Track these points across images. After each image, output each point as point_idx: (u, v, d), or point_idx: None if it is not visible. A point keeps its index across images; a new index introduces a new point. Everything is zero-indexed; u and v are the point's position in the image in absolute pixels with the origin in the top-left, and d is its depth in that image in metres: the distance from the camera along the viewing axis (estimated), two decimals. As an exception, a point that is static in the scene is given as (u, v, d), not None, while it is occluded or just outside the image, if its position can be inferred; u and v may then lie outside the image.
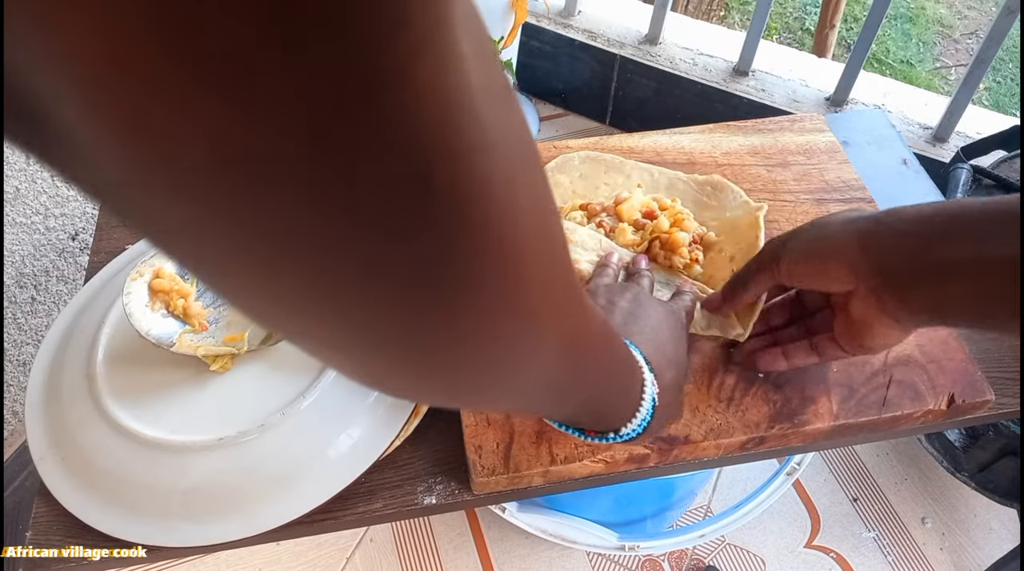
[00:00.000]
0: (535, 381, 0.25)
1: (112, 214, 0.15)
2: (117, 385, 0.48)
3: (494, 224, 0.17)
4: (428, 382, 0.22)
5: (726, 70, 1.47)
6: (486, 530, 1.15)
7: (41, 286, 0.98)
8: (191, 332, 0.49)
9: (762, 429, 0.49)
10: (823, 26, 2.00)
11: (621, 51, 1.52)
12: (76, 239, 1.01)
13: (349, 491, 0.46)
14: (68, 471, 0.47)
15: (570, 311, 0.24)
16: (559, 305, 0.23)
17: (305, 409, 0.46)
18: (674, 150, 0.67)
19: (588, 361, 0.29)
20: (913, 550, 1.15)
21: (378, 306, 0.17)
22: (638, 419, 0.37)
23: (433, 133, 0.14)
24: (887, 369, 0.52)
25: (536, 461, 0.47)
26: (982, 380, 0.51)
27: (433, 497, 0.49)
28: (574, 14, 1.58)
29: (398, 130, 0.13)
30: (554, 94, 1.71)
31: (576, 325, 0.26)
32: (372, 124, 0.13)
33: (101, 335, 0.50)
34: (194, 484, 0.45)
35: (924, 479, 1.22)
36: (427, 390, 0.23)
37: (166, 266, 0.50)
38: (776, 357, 0.49)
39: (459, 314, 0.18)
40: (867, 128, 0.74)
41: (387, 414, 0.48)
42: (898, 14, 2.59)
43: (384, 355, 0.19)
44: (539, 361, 0.23)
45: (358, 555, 1.13)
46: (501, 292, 0.18)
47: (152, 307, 0.49)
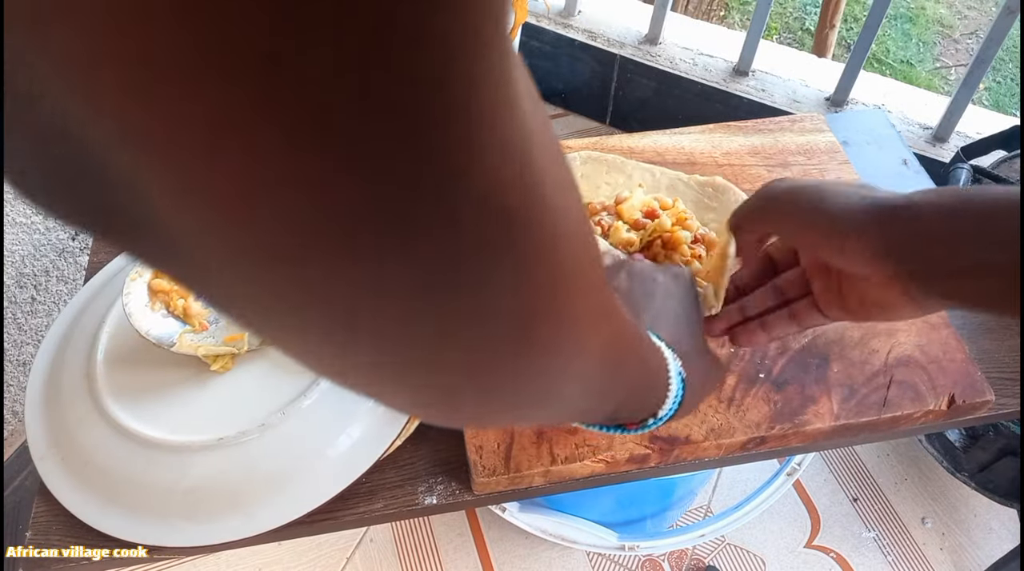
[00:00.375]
0: (580, 390, 0.25)
1: (220, 307, 0.16)
2: (117, 385, 0.48)
3: (550, 250, 0.17)
4: (488, 406, 0.22)
5: (726, 70, 1.47)
6: (486, 530, 1.15)
7: (41, 286, 0.98)
8: (191, 332, 0.49)
9: (763, 429, 0.49)
10: (823, 26, 2.00)
11: (621, 51, 1.52)
12: (76, 239, 1.01)
13: (349, 491, 0.46)
14: (68, 471, 0.47)
15: (609, 316, 0.25)
16: (599, 311, 0.23)
17: (305, 409, 0.46)
18: (674, 150, 0.67)
19: (625, 362, 0.29)
20: (913, 550, 1.15)
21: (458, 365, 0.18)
22: (671, 398, 0.37)
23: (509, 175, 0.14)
24: (887, 369, 0.52)
25: (536, 461, 0.47)
26: (982, 380, 0.51)
27: (434, 497, 0.49)
28: (574, 14, 1.58)
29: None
30: (554, 94, 1.71)
31: (614, 329, 0.26)
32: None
33: (101, 335, 0.50)
34: (194, 484, 0.45)
35: (924, 479, 1.22)
36: (488, 414, 0.24)
37: (166, 266, 0.50)
38: (755, 332, 0.46)
39: (533, 343, 0.18)
40: (867, 128, 0.74)
41: (387, 414, 0.48)
42: (898, 14, 2.59)
43: (465, 400, 0.20)
44: (583, 368, 0.23)
45: (358, 555, 1.13)
46: (555, 308, 0.19)
47: (152, 307, 0.49)
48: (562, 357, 0.21)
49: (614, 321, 0.26)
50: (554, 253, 0.17)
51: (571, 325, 0.20)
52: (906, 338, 0.54)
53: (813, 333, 0.54)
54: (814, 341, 0.54)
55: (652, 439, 0.48)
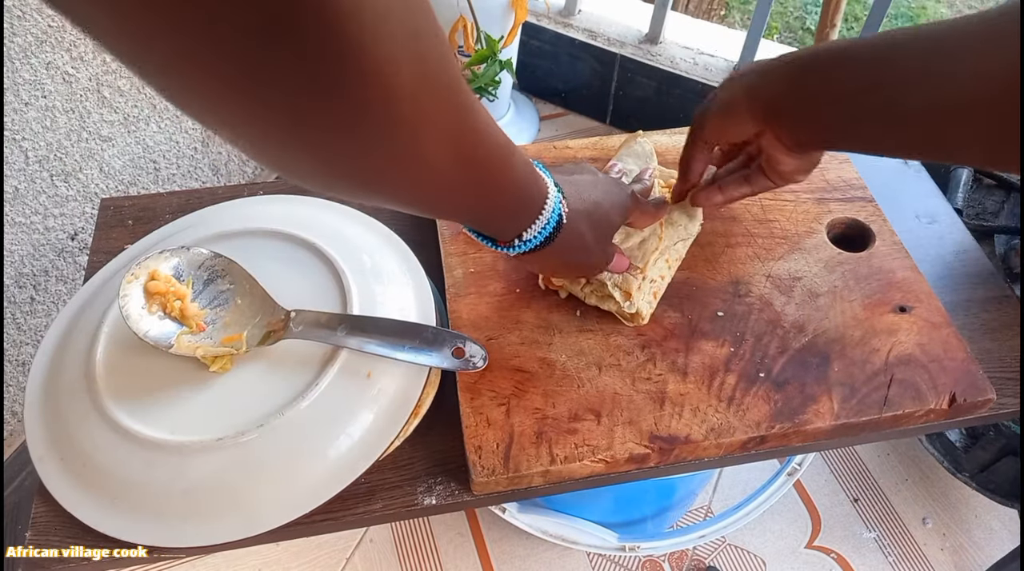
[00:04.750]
0: (431, 175, 0.29)
1: (109, 49, 0.21)
2: (116, 385, 0.48)
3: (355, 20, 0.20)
4: (326, 163, 0.26)
5: (727, 69, 1.47)
6: (486, 530, 1.15)
7: (40, 286, 0.98)
8: (189, 333, 0.49)
9: (763, 429, 0.49)
10: (824, 25, 2.00)
11: (621, 50, 1.52)
12: (75, 239, 1.01)
13: (349, 491, 0.46)
14: (67, 471, 0.47)
15: (454, 109, 0.28)
16: (439, 99, 0.26)
17: (304, 409, 0.46)
18: (674, 150, 0.67)
19: (484, 162, 0.33)
20: (914, 550, 1.14)
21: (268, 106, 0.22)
22: (539, 224, 0.40)
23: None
24: (888, 368, 0.52)
25: (536, 461, 0.47)
26: (983, 379, 0.51)
27: (433, 498, 0.49)
28: (574, 13, 1.58)
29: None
30: (554, 94, 1.70)
31: (465, 125, 0.29)
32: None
33: (100, 335, 0.50)
34: (193, 484, 0.45)
35: (925, 479, 1.22)
36: (326, 172, 0.27)
37: (161, 268, 0.49)
38: (712, 191, 0.55)
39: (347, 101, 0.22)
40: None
41: (387, 414, 0.48)
42: (898, 14, 2.59)
43: (286, 139, 0.24)
44: (429, 150, 0.27)
45: (358, 555, 1.13)
46: (373, 80, 0.22)
47: (149, 309, 0.49)
48: (404, 132, 0.25)
49: (465, 119, 0.29)
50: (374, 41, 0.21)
51: (410, 103, 0.24)
52: (907, 337, 0.54)
53: (813, 332, 0.54)
54: (814, 340, 0.53)
55: (652, 438, 0.48)
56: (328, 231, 0.56)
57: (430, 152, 0.28)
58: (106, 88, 0.97)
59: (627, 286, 0.52)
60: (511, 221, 0.40)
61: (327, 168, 0.27)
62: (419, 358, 0.48)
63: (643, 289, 0.53)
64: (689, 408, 0.50)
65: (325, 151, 0.25)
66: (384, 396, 0.48)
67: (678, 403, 0.50)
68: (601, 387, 0.51)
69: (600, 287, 0.53)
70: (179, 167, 1.16)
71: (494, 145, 0.33)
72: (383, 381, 0.49)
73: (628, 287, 0.52)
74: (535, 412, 0.49)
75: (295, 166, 0.27)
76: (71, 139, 0.94)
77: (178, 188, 1.17)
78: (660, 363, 0.52)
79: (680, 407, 0.50)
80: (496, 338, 0.53)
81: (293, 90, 0.22)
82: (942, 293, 0.59)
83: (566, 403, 0.50)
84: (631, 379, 0.51)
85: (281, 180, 0.68)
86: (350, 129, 0.24)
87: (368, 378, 0.48)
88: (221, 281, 0.51)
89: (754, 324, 0.54)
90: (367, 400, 0.48)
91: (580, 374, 0.51)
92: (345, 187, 0.29)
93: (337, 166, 0.27)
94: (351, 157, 0.26)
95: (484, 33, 1.30)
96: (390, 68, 0.23)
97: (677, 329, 0.54)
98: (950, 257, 0.64)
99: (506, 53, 1.36)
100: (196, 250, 0.51)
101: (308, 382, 0.47)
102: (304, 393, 0.47)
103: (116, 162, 1.03)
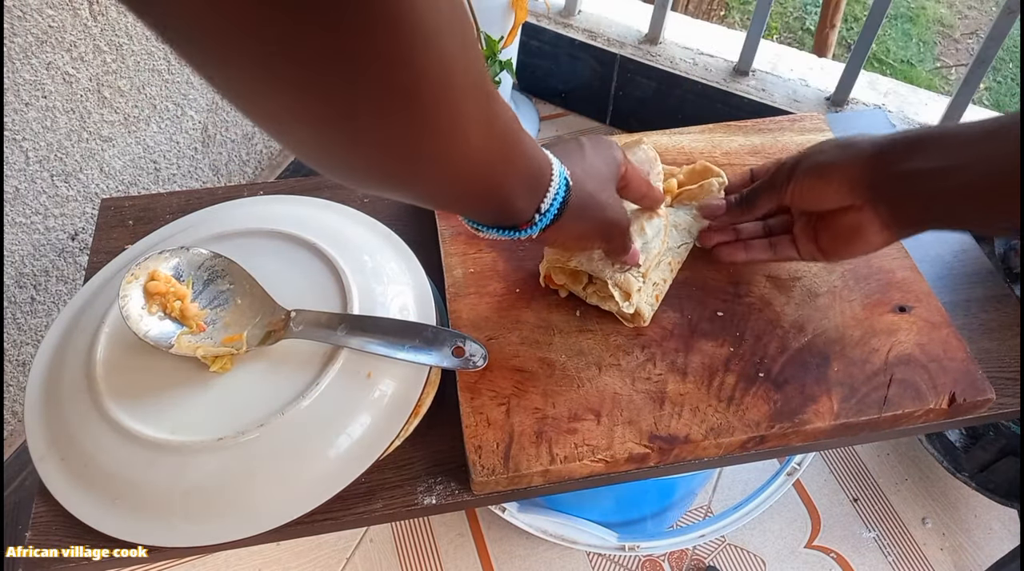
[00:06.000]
0: (469, 153, 0.31)
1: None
2: (116, 385, 0.48)
3: None
4: (358, 148, 0.28)
5: (726, 70, 1.47)
6: (486, 530, 1.15)
7: (40, 286, 0.98)
8: (189, 333, 0.49)
9: (763, 428, 0.49)
10: (823, 26, 2.00)
11: (621, 51, 1.52)
12: (75, 239, 1.01)
13: (349, 491, 0.46)
14: (67, 471, 0.47)
15: (485, 95, 0.30)
16: (474, 87, 0.28)
17: (304, 409, 0.46)
18: (674, 150, 0.67)
19: (504, 136, 0.34)
20: (913, 550, 1.15)
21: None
22: (552, 191, 0.41)
23: None
24: (888, 368, 0.52)
25: (536, 461, 0.47)
26: (983, 379, 0.51)
27: (433, 497, 0.49)
28: (574, 13, 1.58)
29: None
30: (554, 94, 1.70)
31: (490, 107, 0.31)
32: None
33: (100, 335, 0.50)
34: (194, 484, 0.45)
35: (924, 479, 1.22)
36: (380, 162, 0.29)
37: (160, 268, 0.49)
38: (737, 249, 0.56)
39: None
40: (867, 128, 0.74)
41: (387, 414, 0.48)
42: (898, 14, 2.59)
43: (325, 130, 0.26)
44: (471, 131, 0.30)
45: (358, 555, 1.13)
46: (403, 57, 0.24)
47: (149, 309, 0.49)
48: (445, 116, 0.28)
49: (491, 103, 0.31)
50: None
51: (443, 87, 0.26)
52: (906, 337, 0.54)
53: (813, 332, 0.54)
54: (814, 340, 0.53)
55: (651, 438, 0.48)
56: (328, 231, 0.56)
57: (472, 133, 0.30)
58: (106, 88, 0.97)
59: (627, 286, 0.52)
60: (529, 195, 0.40)
61: (382, 156, 0.29)
62: (419, 357, 0.48)
63: (644, 291, 0.54)
64: (689, 408, 0.50)
65: (382, 139, 0.27)
66: (384, 396, 0.48)
67: (678, 403, 0.50)
68: (601, 387, 0.51)
69: (602, 287, 0.53)
70: (179, 167, 1.16)
71: (510, 118, 0.35)
72: (383, 381, 0.49)
73: (628, 288, 0.52)
74: (535, 412, 0.49)
75: (351, 161, 0.29)
76: (71, 139, 0.94)
77: (178, 188, 1.17)
78: (660, 363, 0.52)
79: (680, 407, 0.50)
80: (496, 338, 0.53)
81: (366, 95, 0.24)
82: (941, 293, 0.59)
83: (566, 403, 0.50)
84: (631, 379, 0.51)
85: (281, 180, 0.68)
86: (408, 121, 0.27)
87: (368, 378, 0.48)
88: (221, 281, 0.51)
89: (754, 324, 0.54)
90: (367, 400, 0.48)
91: (580, 374, 0.52)
92: (394, 173, 0.31)
93: (392, 151, 0.29)
94: (405, 144, 0.28)
95: (484, 33, 1.30)
96: (445, 65, 0.26)
97: (677, 329, 0.54)
98: (949, 257, 0.64)
99: (506, 53, 1.36)
100: (196, 250, 0.51)
101: (308, 382, 0.47)
102: (304, 393, 0.47)
103: (116, 162, 1.03)
